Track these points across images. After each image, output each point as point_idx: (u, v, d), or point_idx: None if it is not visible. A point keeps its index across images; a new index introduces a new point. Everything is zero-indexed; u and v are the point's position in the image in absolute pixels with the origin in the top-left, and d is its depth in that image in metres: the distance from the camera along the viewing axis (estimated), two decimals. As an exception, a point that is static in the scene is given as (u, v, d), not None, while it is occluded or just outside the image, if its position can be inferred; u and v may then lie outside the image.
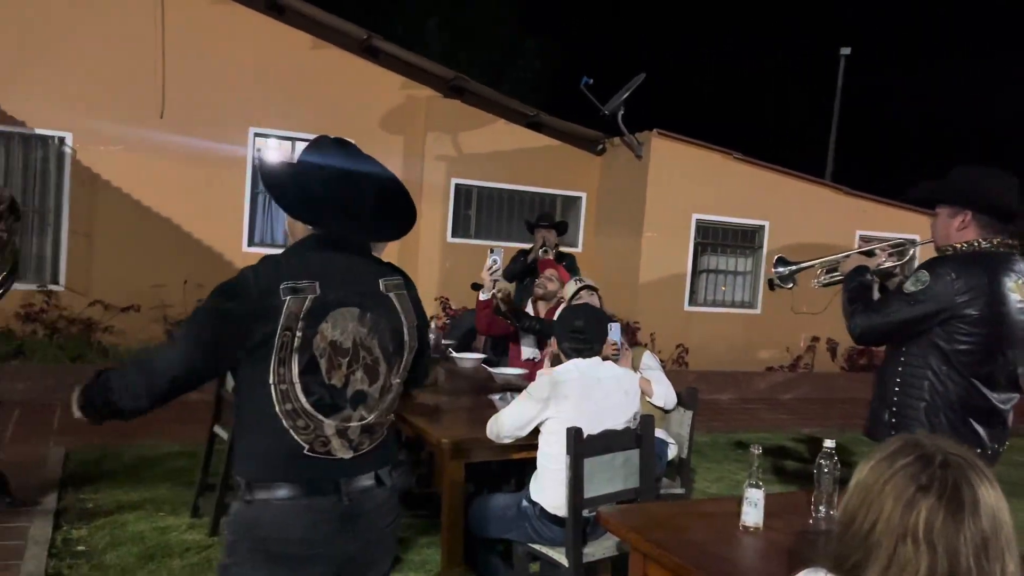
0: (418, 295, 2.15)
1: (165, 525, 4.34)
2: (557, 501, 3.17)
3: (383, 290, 2.00)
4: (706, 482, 5.96)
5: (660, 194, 10.03)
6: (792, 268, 3.48)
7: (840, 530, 1.35)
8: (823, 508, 2.43)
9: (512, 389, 4.33)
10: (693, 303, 10.58)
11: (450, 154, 9.98)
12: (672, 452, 4.14)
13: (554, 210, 10.47)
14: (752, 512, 2.37)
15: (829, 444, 2.46)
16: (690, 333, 10.27)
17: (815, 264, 3.46)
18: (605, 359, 3.45)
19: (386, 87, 9.67)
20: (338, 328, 1.89)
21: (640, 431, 3.33)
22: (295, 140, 9.14)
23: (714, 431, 7.69)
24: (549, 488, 3.22)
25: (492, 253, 4.80)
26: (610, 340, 3.86)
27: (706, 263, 10.76)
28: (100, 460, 5.42)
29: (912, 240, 3.53)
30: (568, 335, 3.38)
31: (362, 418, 1.94)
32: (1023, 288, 2.76)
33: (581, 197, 10.81)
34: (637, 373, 4.00)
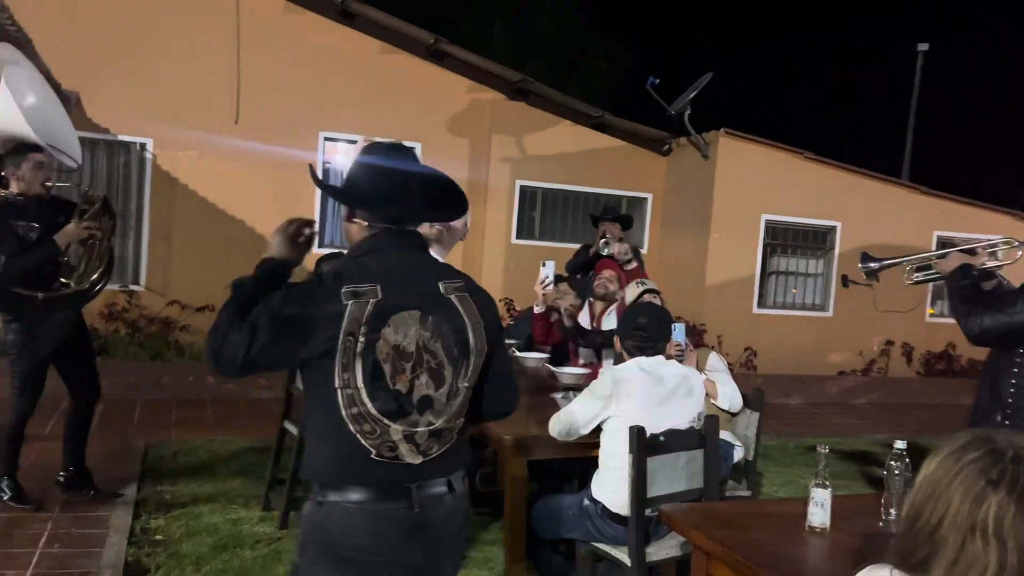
0: (489, 298, 2.11)
1: (237, 517, 4.47)
2: (619, 500, 3.16)
3: (444, 292, 1.97)
4: (774, 486, 5.84)
5: (728, 194, 9.89)
6: (881, 264, 3.40)
7: (906, 525, 1.32)
8: (893, 510, 2.37)
9: (574, 388, 4.33)
10: (762, 305, 10.39)
11: (515, 156, 10.03)
12: (738, 455, 4.08)
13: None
14: (819, 513, 2.33)
15: (900, 445, 2.40)
16: (758, 336, 10.08)
17: (903, 261, 3.38)
18: (668, 359, 3.42)
19: (452, 90, 9.77)
20: (400, 332, 1.87)
21: (704, 431, 3.29)
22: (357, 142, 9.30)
23: (783, 435, 7.53)
24: (611, 487, 3.21)
25: (544, 266, 4.73)
26: (674, 341, 3.82)
27: (775, 265, 10.56)
28: (176, 454, 5.62)
29: (1021, 241, 3.39)
30: (631, 333, 3.36)
31: (429, 423, 1.91)
32: None
33: (647, 198, 10.73)
34: (702, 374, 3.95)
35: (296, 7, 9.04)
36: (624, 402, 3.18)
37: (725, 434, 3.92)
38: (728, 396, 4.08)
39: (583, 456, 3.58)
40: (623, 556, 3.16)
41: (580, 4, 19.40)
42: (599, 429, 3.27)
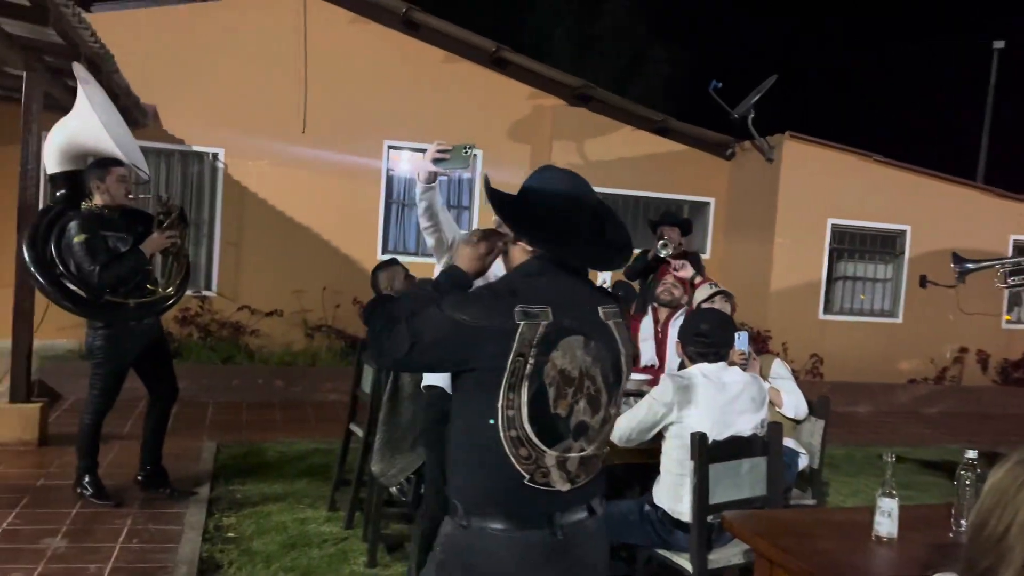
0: (628, 322, 2.09)
1: (305, 517, 4.59)
2: (681, 506, 3.15)
3: (603, 318, 1.96)
4: (840, 496, 5.73)
5: (792, 198, 9.73)
6: (975, 266, 3.33)
7: (972, 533, 1.31)
8: (963, 521, 2.32)
9: (635, 394, 4.32)
10: (828, 311, 10.17)
11: (576, 161, 10.04)
12: (803, 463, 4.02)
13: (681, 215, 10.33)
14: (885, 522, 2.29)
15: (971, 454, 2.35)
16: (825, 342, 9.88)
17: (996, 264, 3.30)
18: (731, 365, 3.40)
19: (514, 97, 9.86)
20: (567, 356, 1.85)
21: (768, 438, 3.27)
22: (426, 152, 9.42)
23: (850, 444, 7.37)
24: (673, 493, 3.20)
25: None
26: (737, 349, 3.78)
27: (842, 270, 10.33)
28: (247, 455, 5.80)
29: None
30: (692, 339, 3.35)
31: (582, 449, 1.90)
32: None
33: (709, 203, 10.62)
34: (766, 382, 3.90)
35: (361, 18, 9.25)
36: (686, 408, 3.17)
37: (789, 441, 3.87)
38: (793, 404, 4.02)
39: (644, 462, 3.57)
40: (685, 563, 3.15)
41: (640, 8, 19.32)
42: (661, 435, 3.27)
